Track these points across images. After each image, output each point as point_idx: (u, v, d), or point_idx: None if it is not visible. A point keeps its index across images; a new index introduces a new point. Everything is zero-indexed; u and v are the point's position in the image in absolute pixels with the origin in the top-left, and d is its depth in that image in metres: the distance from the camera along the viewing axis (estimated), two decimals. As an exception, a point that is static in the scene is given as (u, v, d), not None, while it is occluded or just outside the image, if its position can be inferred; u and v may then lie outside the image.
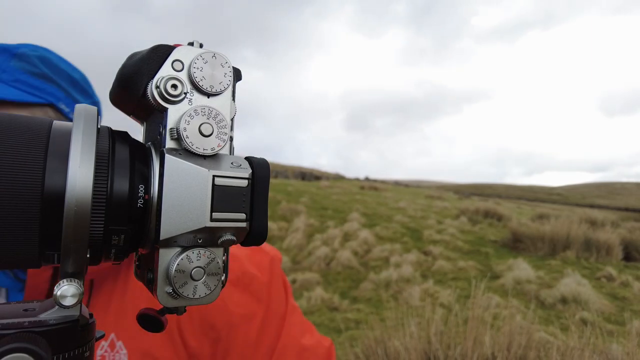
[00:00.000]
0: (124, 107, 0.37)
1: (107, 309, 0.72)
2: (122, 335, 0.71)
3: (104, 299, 0.73)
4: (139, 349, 0.71)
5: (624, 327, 4.21)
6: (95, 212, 0.29)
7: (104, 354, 0.70)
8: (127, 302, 0.73)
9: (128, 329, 0.71)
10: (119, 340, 0.71)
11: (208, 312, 0.74)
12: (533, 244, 8.62)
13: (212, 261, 0.33)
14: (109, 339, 0.71)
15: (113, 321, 0.72)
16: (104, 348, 0.71)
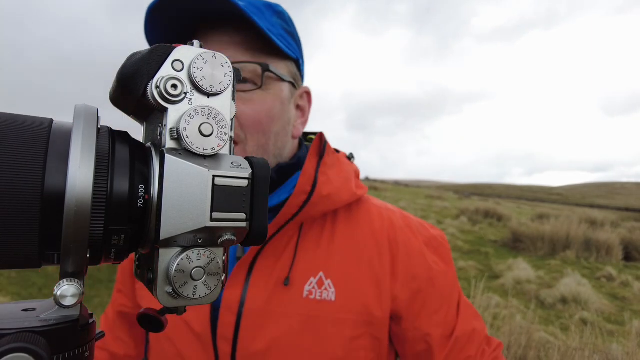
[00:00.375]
0: (124, 107, 0.37)
1: (315, 249, 0.80)
2: (331, 275, 0.77)
3: (313, 240, 0.80)
4: (346, 290, 0.76)
5: (624, 327, 4.21)
6: (95, 212, 0.29)
7: (311, 289, 0.76)
8: (336, 245, 0.80)
9: (336, 270, 0.78)
10: (328, 279, 0.77)
11: (411, 262, 0.80)
12: (533, 244, 8.62)
13: (212, 261, 0.33)
14: (318, 276, 0.77)
15: (322, 261, 0.78)
16: (312, 284, 0.76)
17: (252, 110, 0.74)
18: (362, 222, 0.84)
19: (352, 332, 0.74)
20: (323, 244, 0.80)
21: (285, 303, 0.75)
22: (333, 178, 0.81)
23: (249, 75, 0.75)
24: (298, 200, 0.77)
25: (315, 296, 0.75)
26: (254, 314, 0.74)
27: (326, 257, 0.78)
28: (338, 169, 0.83)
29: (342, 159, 0.87)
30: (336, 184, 0.81)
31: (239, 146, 0.75)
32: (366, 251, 0.80)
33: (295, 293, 0.75)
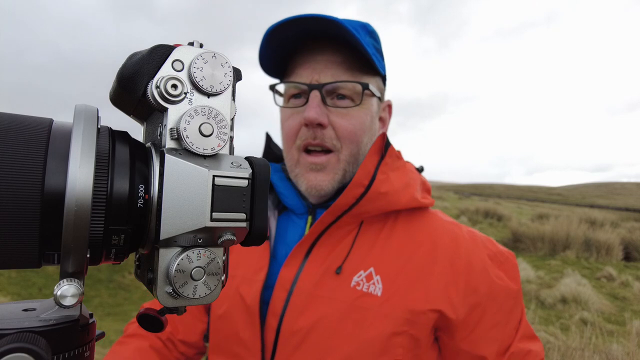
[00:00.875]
0: (124, 107, 0.37)
1: (371, 246, 0.84)
2: (381, 272, 0.81)
3: (370, 238, 0.86)
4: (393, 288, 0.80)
5: (624, 327, 4.21)
6: (95, 212, 0.29)
7: (359, 281, 0.80)
8: (392, 245, 0.85)
9: (387, 268, 0.82)
10: (378, 275, 0.81)
11: (472, 275, 0.81)
12: (533, 244, 8.62)
13: (212, 261, 0.33)
14: (368, 271, 0.82)
15: (375, 257, 0.83)
16: (361, 277, 0.81)
17: (349, 124, 0.84)
18: (423, 229, 0.87)
19: (392, 328, 0.77)
20: (379, 243, 0.85)
21: (333, 288, 0.80)
22: (394, 179, 0.85)
23: (348, 93, 0.84)
24: (354, 193, 0.82)
25: (362, 288, 0.79)
26: (303, 293, 0.80)
27: (380, 255, 0.83)
28: (401, 174, 0.88)
29: (409, 167, 0.92)
30: (396, 185, 0.85)
31: (333, 154, 0.85)
32: (421, 256, 0.83)
33: (343, 281, 0.81)
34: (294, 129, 0.86)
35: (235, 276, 0.89)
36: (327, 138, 0.83)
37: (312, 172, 0.85)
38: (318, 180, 0.85)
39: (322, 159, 0.85)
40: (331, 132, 0.84)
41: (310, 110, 0.82)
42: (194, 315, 0.98)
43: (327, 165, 0.85)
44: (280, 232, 0.93)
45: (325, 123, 0.83)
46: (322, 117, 0.82)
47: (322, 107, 0.83)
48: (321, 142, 0.84)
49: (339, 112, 0.84)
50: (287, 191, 0.93)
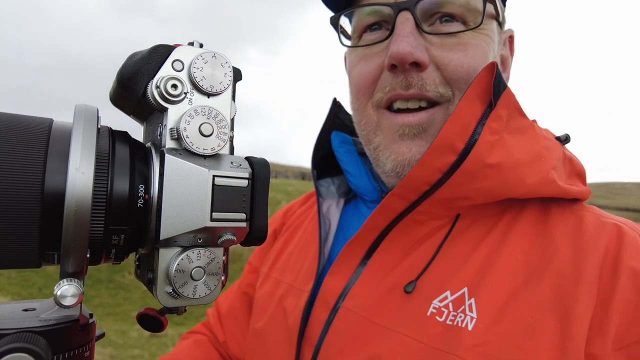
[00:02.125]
0: (124, 107, 0.37)
1: (468, 255, 0.52)
2: (479, 295, 0.49)
3: (469, 241, 0.53)
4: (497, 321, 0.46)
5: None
6: (95, 212, 0.29)
7: (442, 307, 0.50)
8: (503, 255, 0.51)
9: (491, 290, 0.48)
10: (472, 298, 0.49)
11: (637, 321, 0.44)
12: (533, 244, 8.61)
13: (212, 261, 0.33)
14: (459, 292, 0.50)
15: (472, 272, 0.51)
16: (446, 301, 0.50)
17: (464, 58, 0.53)
18: (563, 231, 0.51)
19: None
20: (482, 250, 0.52)
21: (399, 316, 0.51)
22: (513, 145, 0.52)
23: (459, 10, 0.54)
24: (439, 162, 0.50)
25: (447, 318, 0.49)
26: (352, 317, 0.54)
27: (481, 269, 0.50)
28: (528, 138, 0.54)
29: (540, 131, 0.56)
30: (517, 155, 0.51)
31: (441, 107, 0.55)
32: (554, 274, 0.47)
33: (415, 306, 0.51)
34: (369, 77, 0.57)
35: (281, 283, 0.67)
36: (430, 84, 0.53)
37: (404, 140, 0.55)
38: (414, 152, 0.55)
39: (422, 117, 0.54)
40: (434, 75, 0.54)
41: (399, 41, 0.52)
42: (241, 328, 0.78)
43: (431, 125, 0.54)
44: (343, 226, 0.68)
45: (424, 60, 0.53)
46: (418, 50, 0.52)
47: (418, 37, 0.53)
48: (420, 92, 0.53)
49: (446, 43, 0.54)
50: (356, 169, 0.66)
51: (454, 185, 0.51)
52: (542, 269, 0.48)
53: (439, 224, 0.55)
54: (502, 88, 0.51)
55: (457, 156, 0.49)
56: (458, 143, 0.49)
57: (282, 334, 0.61)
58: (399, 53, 0.52)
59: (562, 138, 0.58)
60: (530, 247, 0.51)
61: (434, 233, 0.55)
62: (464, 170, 0.49)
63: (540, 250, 0.50)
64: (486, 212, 0.55)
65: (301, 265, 0.66)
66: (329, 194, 0.72)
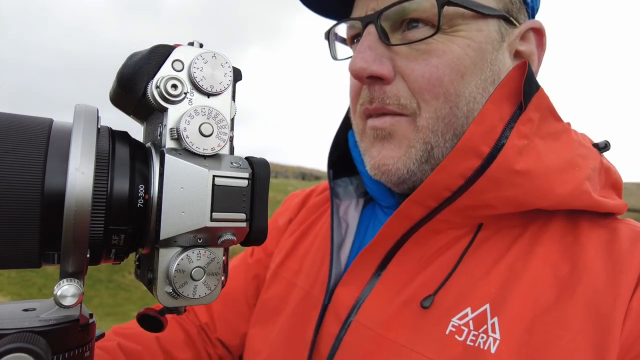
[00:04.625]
0: (124, 107, 0.37)
1: (491, 268, 0.48)
2: (502, 313, 0.45)
3: (492, 253, 0.49)
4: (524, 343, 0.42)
5: (624, 327, 4.21)
6: (95, 212, 0.29)
7: (461, 325, 0.46)
8: (531, 269, 0.46)
9: (515, 308, 0.44)
10: (494, 317, 0.45)
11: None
12: (533, 244, 8.61)
13: (212, 261, 0.33)
14: (481, 309, 0.46)
15: (495, 287, 0.47)
16: (467, 318, 0.46)
17: (426, 65, 0.49)
18: (595, 245, 0.47)
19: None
20: (506, 263, 0.48)
21: (413, 333, 0.48)
22: (545, 151, 0.47)
23: (423, 15, 0.49)
24: (463, 166, 0.46)
25: (467, 338, 0.45)
26: (365, 332, 0.50)
27: (505, 284, 0.46)
28: (561, 145, 0.49)
29: (576, 137, 0.52)
30: (549, 162, 0.47)
31: (406, 117, 0.51)
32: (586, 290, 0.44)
33: (433, 323, 0.47)
34: (354, 89, 0.57)
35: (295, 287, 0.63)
36: (392, 97, 0.51)
37: (375, 145, 0.54)
38: (382, 156, 0.53)
39: (386, 121, 0.52)
40: (400, 87, 0.51)
41: (354, 57, 0.51)
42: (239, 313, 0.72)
43: (395, 131, 0.52)
44: (360, 231, 0.64)
45: (384, 74, 0.50)
46: (375, 64, 0.50)
47: (381, 49, 0.51)
48: (381, 106, 0.52)
49: (412, 52, 0.50)
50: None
51: (477, 192, 0.46)
52: (573, 285, 0.44)
53: (459, 234, 0.51)
54: (535, 89, 0.47)
55: (482, 161, 0.46)
56: (483, 147, 0.46)
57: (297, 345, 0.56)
58: (353, 69, 0.51)
59: (600, 145, 0.54)
60: (559, 261, 0.46)
61: (454, 243, 0.51)
62: (489, 176, 0.45)
63: (570, 265, 0.46)
64: (510, 222, 0.50)
65: (318, 270, 0.61)
66: (347, 195, 0.68)
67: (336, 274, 0.58)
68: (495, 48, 0.52)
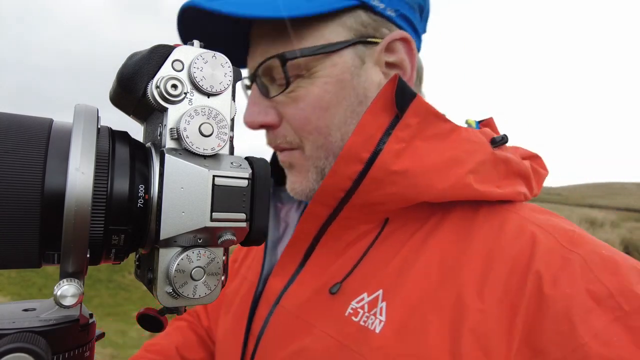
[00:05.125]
0: (124, 107, 0.37)
1: (391, 257, 0.54)
2: (392, 297, 0.51)
3: (395, 244, 0.55)
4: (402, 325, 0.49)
5: (624, 327, 4.21)
6: (95, 212, 0.29)
7: (358, 308, 0.53)
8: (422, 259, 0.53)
9: (403, 293, 0.51)
10: (384, 301, 0.51)
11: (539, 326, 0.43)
12: (533, 244, 8.62)
13: (212, 261, 0.33)
14: (375, 294, 0.52)
15: (391, 274, 0.53)
16: (363, 302, 0.53)
17: (296, 109, 0.58)
18: (484, 235, 0.52)
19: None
20: (404, 253, 0.54)
21: (321, 314, 0.55)
22: (425, 151, 0.53)
23: (277, 76, 0.59)
24: (348, 170, 0.53)
25: (360, 319, 0.52)
26: (286, 315, 0.58)
27: (399, 273, 0.53)
28: (444, 143, 0.54)
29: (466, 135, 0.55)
30: (427, 161, 0.52)
31: (297, 151, 0.61)
32: (462, 280, 0.49)
33: (337, 306, 0.54)
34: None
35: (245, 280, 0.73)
36: (280, 137, 0.61)
37: (287, 172, 0.65)
38: (291, 182, 0.64)
39: (285, 156, 0.63)
40: (286, 129, 0.61)
41: (245, 113, 0.61)
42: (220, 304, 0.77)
43: (294, 162, 0.63)
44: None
45: (269, 122, 0.60)
46: (261, 115, 0.60)
47: (264, 102, 0.61)
48: (276, 145, 0.63)
49: (287, 99, 0.58)
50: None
51: (364, 191, 0.53)
52: (455, 274, 0.50)
53: (368, 228, 0.58)
54: (409, 97, 0.53)
55: (364, 165, 0.52)
56: (363, 153, 0.52)
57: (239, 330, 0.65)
58: (245, 122, 0.62)
59: (496, 139, 0.58)
60: (451, 250, 0.52)
61: (364, 237, 0.58)
62: (370, 177, 0.52)
63: (457, 255, 0.51)
64: (414, 215, 0.56)
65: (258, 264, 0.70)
66: (290, 199, 0.77)
67: (269, 268, 0.67)
68: (356, 73, 0.58)
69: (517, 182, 0.57)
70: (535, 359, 0.43)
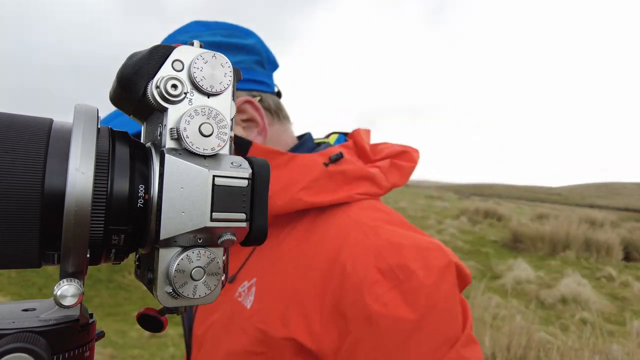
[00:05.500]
0: (124, 107, 0.37)
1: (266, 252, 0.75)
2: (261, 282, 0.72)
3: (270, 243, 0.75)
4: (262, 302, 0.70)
5: (624, 327, 4.22)
6: (95, 212, 0.29)
7: (242, 291, 0.74)
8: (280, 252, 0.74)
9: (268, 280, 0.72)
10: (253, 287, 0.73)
11: (344, 294, 0.62)
12: (533, 244, 8.62)
13: (212, 261, 0.33)
14: (252, 280, 0.74)
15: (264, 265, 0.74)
16: (244, 287, 0.74)
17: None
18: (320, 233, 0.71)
19: (247, 346, 0.68)
20: (271, 248, 0.74)
21: (221, 299, 0.74)
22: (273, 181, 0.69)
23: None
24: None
25: (241, 299, 0.73)
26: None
27: (268, 263, 0.73)
28: (288, 171, 0.72)
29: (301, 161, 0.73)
30: (275, 187, 0.70)
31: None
32: (301, 266, 0.69)
33: (230, 292, 0.76)
34: None
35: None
36: None
37: None
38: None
39: None
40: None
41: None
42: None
43: None
44: None
45: None
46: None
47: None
48: None
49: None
50: None
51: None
52: (297, 263, 0.69)
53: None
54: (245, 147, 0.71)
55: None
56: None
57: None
58: None
59: (332, 158, 0.74)
60: (297, 247, 0.71)
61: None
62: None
63: (302, 249, 0.70)
64: (280, 222, 0.76)
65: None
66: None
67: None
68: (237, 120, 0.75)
69: (359, 185, 0.73)
70: (341, 319, 0.61)
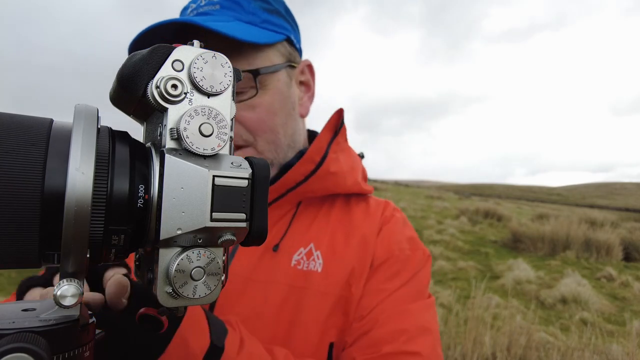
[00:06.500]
0: (124, 107, 0.37)
1: (309, 224, 0.83)
2: (321, 247, 0.80)
3: (309, 217, 0.84)
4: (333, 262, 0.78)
5: (624, 327, 4.21)
6: (95, 212, 0.29)
7: (300, 259, 0.78)
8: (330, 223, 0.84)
9: (327, 243, 0.80)
10: (318, 250, 0.79)
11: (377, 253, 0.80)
12: (533, 244, 8.62)
13: (212, 261, 0.33)
14: (308, 247, 0.80)
15: (314, 234, 0.81)
16: (302, 254, 0.79)
17: (254, 114, 0.77)
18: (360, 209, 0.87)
19: (330, 309, 0.74)
20: (318, 220, 0.84)
21: (272, 271, 0.76)
22: (342, 160, 0.83)
23: (242, 84, 0.75)
24: (304, 169, 0.79)
25: (303, 267, 0.77)
26: (237, 280, 0.75)
27: (318, 232, 0.82)
28: (347, 155, 0.86)
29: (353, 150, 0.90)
30: (344, 166, 0.83)
31: (250, 148, 0.79)
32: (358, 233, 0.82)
33: (283, 261, 0.77)
34: None
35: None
36: (237, 136, 0.78)
37: None
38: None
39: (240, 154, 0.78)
40: (239, 128, 0.78)
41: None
42: None
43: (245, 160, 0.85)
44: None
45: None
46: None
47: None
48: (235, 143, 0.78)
49: (242, 106, 0.77)
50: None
51: (310, 184, 0.81)
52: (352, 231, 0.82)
53: (288, 208, 0.84)
54: (342, 125, 0.85)
55: (315, 166, 0.80)
56: (316, 157, 0.81)
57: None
58: None
59: (361, 155, 0.94)
60: (343, 219, 0.84)
61: (285, 215, 0.83)
62: (317, 175, 0.80)
63: (348, 221, 0.84)
64: (316, 201, 0.86)
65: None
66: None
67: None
68: (288, 86, 0.83)
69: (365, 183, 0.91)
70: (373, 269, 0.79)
